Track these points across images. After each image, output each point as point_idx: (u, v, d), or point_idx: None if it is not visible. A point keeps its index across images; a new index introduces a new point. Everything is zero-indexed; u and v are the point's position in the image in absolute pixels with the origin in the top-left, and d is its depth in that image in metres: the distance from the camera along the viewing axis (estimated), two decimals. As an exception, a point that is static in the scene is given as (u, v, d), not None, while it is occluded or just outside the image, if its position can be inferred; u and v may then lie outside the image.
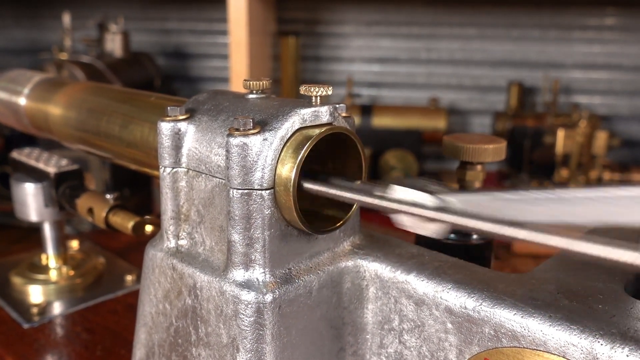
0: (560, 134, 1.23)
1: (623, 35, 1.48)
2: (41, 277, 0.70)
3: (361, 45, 1.60)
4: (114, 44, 1.40)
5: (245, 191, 0.34)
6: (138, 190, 1.20)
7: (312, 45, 1.61)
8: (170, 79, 1.61)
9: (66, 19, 1.33)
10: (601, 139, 1.23)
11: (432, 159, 1.54)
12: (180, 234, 0.40)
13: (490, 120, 1.53)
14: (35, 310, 0.65)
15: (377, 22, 1.58)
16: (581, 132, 1.21)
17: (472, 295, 0.33)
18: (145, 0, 1.68)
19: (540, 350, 0.30)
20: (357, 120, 1.39)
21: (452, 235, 0.44)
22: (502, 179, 1.39)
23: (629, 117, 1.52)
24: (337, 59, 1.62)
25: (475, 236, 0.43)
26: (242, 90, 0.41)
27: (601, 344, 0.28)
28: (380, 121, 1.41)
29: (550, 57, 1.52)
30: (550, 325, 0.30)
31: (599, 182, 1.24)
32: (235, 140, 0.34)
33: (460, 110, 1.58)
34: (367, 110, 1.42)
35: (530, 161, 1.36)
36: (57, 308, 0.66)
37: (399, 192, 0.31)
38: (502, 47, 1.54)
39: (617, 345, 0.28)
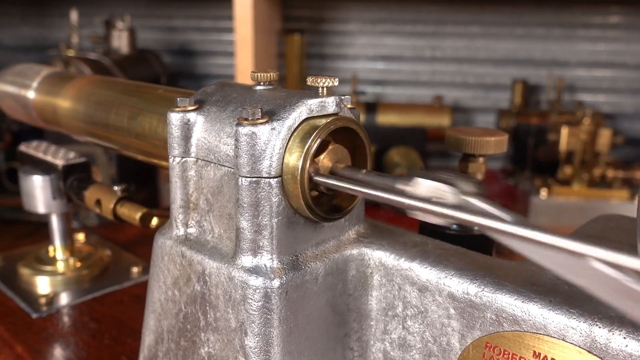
0: (564, 131, 1.24)
1: (627, 33, 1.48)
2: (49, 268, 0.71)
3: (366, 43, 1.61)
4: (120, 41, 1.41)
5: (254, 179, 0.35)
6: (144, 185, 1.21)
7: (317, 43, 1.62)
8: (175, 76, 1.62)
9: (73, 16, 1.34)
10: (605, 136, 1.24)
11: (436, 156, 1.55)
12: (189, 222, 0.41)
13: (494, 118, 1.53)
14: (43, 300, 0.66)
15: (381, 20, 1.58)
16: (585, 129, 1.22)
17: (474, 282, 0.34)
18: (150, -3, 1.69)
19: (540, 334, 0.31)
20: (361, 117, 1.40)
21: (455, 226, 0.44)
22: (506, 176, 1.40)
23: (633, 115, 1.52)
24: (342, 56, 1.62)
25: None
26: (250, 83, 0.42)
27: (599, 327, 0.29)
28: (385, 118, 1.41)
29: (555, 55, 1.53)
30: (550, 309, 0.31)
31: (603, 180, 1.25)
32: (244, 130, 0.34)
33: (465, 107, 1.59)
34: (371, 107, 1.43)
35: (534, 158, 1.36)
36: (64, 299, 0.67)
37: (422, 184, 0.31)
38: (507, 45, 1.54)
39: (615, 328, 0.29)
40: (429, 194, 0.31)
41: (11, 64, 0.69)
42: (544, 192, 1.23)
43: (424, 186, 0.31)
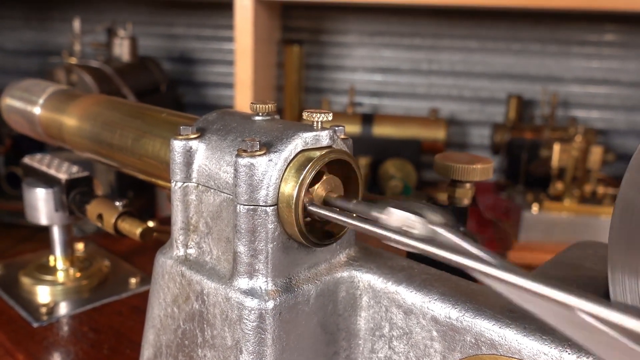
0: (556, 148, 1.26)
1: (622, 51, 1.51)
2: (49, 278, 0.72)
3: (364, 55, 1.63)
4: (121, 49, 1.43)
5: (251, 207, 0.37)
6: (142, 193, 1.23)
7: (315, 53, 1.64)
8: (175, 84, 1.64)
9: (76, 24, 1.36)
10: (596, 153, 1.26)
11: (430, 168, 1.57)
12: (189, 244, 0.43)
13: (489, 132, 1.56)
14: (43, 309, 0.67)
15: (380, 33, 1.61)
16: (577, 147, 1.24)
17: (456, 307, 0.37)
18: (152, 5, 1.71)
19: (515, 358, 0.33)
20: (358, 128, 1.42)
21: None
22: (498, 190, 1.42)
23: (625, 132, 1.55)
24: (340, 67, 1.65)
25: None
26: (248, 108, 0.44)
27: (568, 353, 0.32)
28: (381, 130, 1.44)
29: (550, 71, 1.55)
30: (524, 335, 0.33)
31: (593, 196, 1.27)
32: (243, 161, 0.37)
33: (460, 121, 1.61)
34: (368, 119, 1.45)
35: (526, 173, 1.39)
36: (64, 308, 0.69)
37: (394, 214, 0.34)
38: (503, 60, 1.57)
39: (583, 354, 0.31)
40: (400, 224, 0.33)
41: (12, 67, 0.70)
42: (535, 207, 1.26)
43: (395, 216, 0.33)
